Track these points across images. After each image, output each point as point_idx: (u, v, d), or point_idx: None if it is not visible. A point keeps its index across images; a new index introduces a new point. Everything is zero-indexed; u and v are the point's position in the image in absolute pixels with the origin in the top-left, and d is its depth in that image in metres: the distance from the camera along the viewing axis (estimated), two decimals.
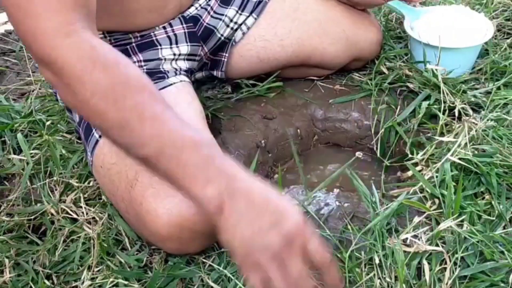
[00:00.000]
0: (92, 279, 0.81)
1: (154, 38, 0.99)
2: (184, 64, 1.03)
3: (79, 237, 0.87)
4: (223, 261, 0.82)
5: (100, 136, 0.87)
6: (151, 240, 0.83)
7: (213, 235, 0.68)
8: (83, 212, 0.92)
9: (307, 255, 0.62)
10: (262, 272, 0.61)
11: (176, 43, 1.01)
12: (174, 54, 1.01)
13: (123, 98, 0.66)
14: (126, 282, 0.80)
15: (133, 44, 0.98)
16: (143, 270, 0.83)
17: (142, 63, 0.98)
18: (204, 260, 0.83)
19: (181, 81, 0.99)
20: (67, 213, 0.92)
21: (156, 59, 0.99)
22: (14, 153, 1.07)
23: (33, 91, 1.29)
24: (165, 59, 1.00)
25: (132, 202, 0.80)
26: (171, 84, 0.96)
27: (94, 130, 0.89)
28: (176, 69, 1.01)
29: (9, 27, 1.63)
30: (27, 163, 1.00)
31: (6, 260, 0.85)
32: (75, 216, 0.92)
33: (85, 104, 0.66)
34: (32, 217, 0.93)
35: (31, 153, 1.03)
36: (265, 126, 1.14)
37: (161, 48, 1.00)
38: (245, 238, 0.61)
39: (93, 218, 0.90)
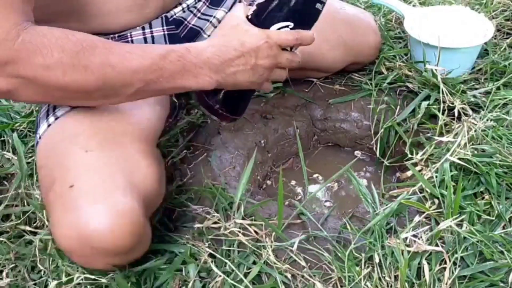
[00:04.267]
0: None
1: (129, 39, 0.96)
2: None
3: None
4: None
5: (40, 137, 0.86)
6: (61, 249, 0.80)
7: (119, 255, 0.75)
8: None
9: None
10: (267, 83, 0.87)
11: None
12: None
13: (90, 61, 0.72)
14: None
15: None
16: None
17: None
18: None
19: None
20: None
21: None
22: (14, 153, 1.07)
23: None
24: None
25: (48, 208, 0.79)
26: None
27: (38, 129, 0.87)
28: None
29: None
30: (22, 164, 1.00)
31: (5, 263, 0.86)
32: None
33: (63, 86, 0.72)
34: (26, 216, 0.93)
35: (29, 152, 1.03)
36: (265, 126, 1.14)
37: None
38: (249, 79, 0.83)
39: None
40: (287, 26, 0.82)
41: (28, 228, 0.93)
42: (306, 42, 0.85)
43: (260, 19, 0.82)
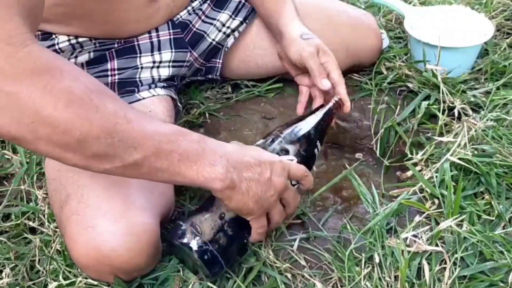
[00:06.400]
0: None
1: (136, 43, 0.96)
2: (167, 71, 1.00)
3: None
4: None
5: None
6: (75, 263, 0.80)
7: (136, 272, 0.77)
8: None
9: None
10: (265, 219, 0.76)
11: (159, 50, 0.98)
12: (154, 62, 0.98)
13: (103, 104, 0.61)
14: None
15: (114, 49, 0.95)
16: None
17: (116, 72, 0.95)
18: None
19: (153, 95, 0.95)
20: None
21: (133, 67, 0.96)
22: (14, 153, 1.07)
23: None
24: (142, 68, 0.97)
25: (61, 222, 0.79)
26: (139, 100, 0.92)
27: None
28: (154, 78, 0.98)
29: None
30: (21, 164, 1.00)
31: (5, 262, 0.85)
32: None
33: (58, 116, 0.57)
34: (26, 216, 0.93)
35: (29, 152, 1.03)
36: (265, 126, 1.14)
37: (139, 56, 0.97)
38: (259, 196, 0.72)
39: None
40: (291, 160, 0.79)
41: (28, 225, 0.93)
42: (308, 183, 0.79)
43: (269, 147, 0.81)
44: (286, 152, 0.81)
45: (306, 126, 0.85)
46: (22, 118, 0.57)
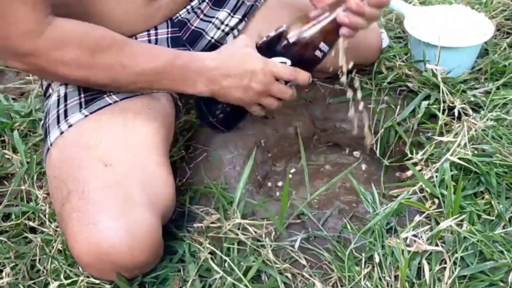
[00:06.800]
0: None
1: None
2: None
3: None
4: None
5: (51, 144, 0.85)
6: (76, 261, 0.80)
7: (137, 269, 0.78)
8: None
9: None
10: (256, 106, 0.93)
11: None
12: None
13: (107, 56, 0.79)
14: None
15: None
16: None
17: None
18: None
19: (154, 92, 0.94)
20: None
21: None
22: (14, 153, 1.07)
23: (32, 90, 1.29)
24: None
25: (62, 220, 0.79)
26: (137, 96, 0.91)
27: (48, 136, 0.86)
28: None
29: None
30: (22, 164, 1.00)
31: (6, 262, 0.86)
32: None
33: (76, 79, 0.81)
34: (26, 216, 0.93)
35: (30, 152, 1.03)
36: (264, 124, 1.14)
37: None
38: (239, 96, 0.89)
39: None
40: (285, 63, 0.90)
41: (29, 225, 0.93)
42: (301, 81, 0.91)
43: (263, 49, 0.91)
44: (281, 54, 0.90)
45: (305, 29, 0.89)
46: (52, 77, 0.87)
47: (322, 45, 0.90)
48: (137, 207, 0.76)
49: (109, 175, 0.77)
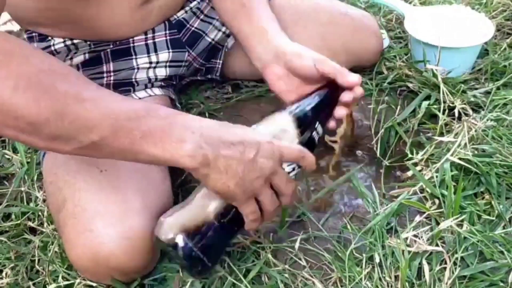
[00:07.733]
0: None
1: (131, 45, 0.95)
2: (163, 72, 0.99)
3: None
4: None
5: None
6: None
7: (134, 273, 0.77)
8: None
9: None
10: (254, 203, 0.69)
11: (155, 51, 0.97)
12: (151, 63, 0.97)
13: (53, 85, 0.58)
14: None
15: (109, 50, 0.93)
16: None
17: (111, 73, 0.94)
18: None
19: (150, 95, 0.95)
20: None
21: (129, 68, 0.95)
22: (14, 153, 1.07)
23: None
24: (138, 68, 0.96)
25: (59, 226, 0.80)
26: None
27: None
28: (150, 79, 0.97)
29: (9, 27, 1.63)
30: (22, 164, 1.00)
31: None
32: None
33: (6, 102, 0.56)
34: (26, 217, 0.93)
35: (30, 152, 1.03)
36: None
37: (135, 58, 0.95)
38: (240, 177, 0.65)
39: None
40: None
41: (29, 225, 0.93)
42: (308, 164, 0.73)
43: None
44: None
45: (302, 107, 0.79)
46: None
47: (318, 127, 0.80)
48: (133, 212, 0.75)
49: (104, 181, 0.77)
